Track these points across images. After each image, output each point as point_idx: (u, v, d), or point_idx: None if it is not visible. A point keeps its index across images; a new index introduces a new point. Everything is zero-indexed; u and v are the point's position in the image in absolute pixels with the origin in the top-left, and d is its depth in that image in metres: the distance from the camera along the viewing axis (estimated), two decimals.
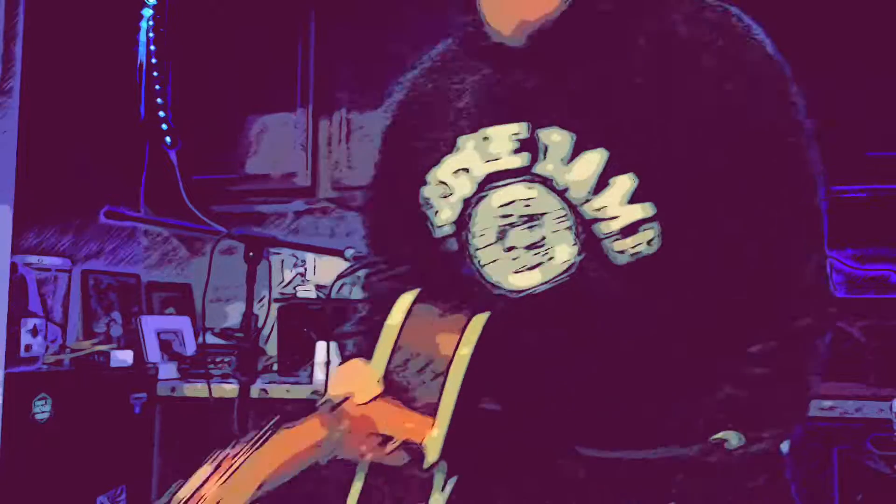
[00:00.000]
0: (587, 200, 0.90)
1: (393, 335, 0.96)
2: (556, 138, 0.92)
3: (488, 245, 0.97)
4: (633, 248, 0.90)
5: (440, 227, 1.01)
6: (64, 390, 2.27)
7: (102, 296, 3.00)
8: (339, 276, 2.04)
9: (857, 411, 2.26)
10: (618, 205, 0.89)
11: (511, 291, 0.95)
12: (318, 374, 2.66)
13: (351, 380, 0.96)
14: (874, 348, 2.35)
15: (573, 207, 0.91)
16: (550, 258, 0.92)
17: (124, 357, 2.57)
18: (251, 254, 2.06)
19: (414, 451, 0.90)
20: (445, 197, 1.00)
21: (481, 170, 0.97)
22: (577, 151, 0.91)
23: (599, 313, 0.92)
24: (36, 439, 2.18)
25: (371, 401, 0.92)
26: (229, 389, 2.54)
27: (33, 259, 2.54)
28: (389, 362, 0.95)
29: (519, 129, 0.95)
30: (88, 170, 2.90)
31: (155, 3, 3.09)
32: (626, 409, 0.91)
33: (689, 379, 0.91)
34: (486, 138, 0.97)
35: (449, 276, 1.01)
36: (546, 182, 0.92)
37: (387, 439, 0.91)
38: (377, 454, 0.93)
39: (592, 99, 0.93)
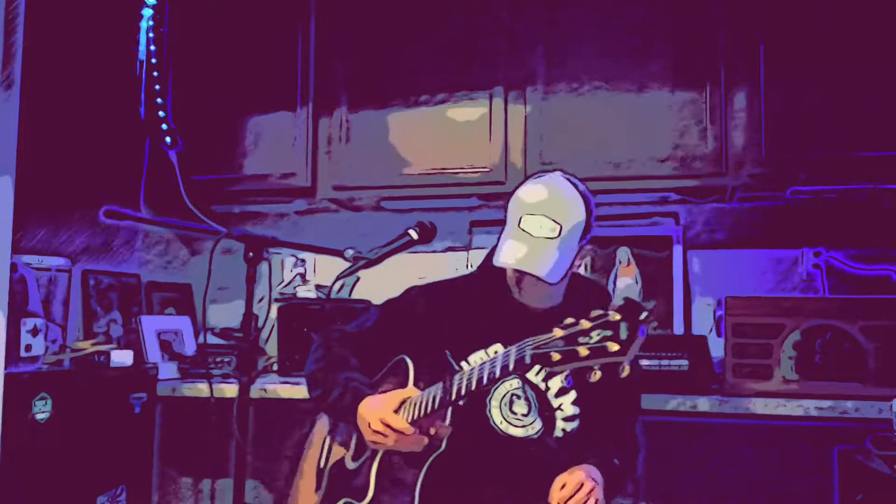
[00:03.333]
0: (555, 398, 1.86)
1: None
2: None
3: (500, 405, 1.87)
4: (568, 428, 1.85)
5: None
6: (64, 390, 2.27)
7: (102, 296, 3.00)
8: (339, 276, 2.04)
9: (857, 411, 2.26)
10: (568, 405, 1.86)
11: (500, 431, 1.85)
12: None
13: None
14: (874, 348, 2.35)
15: (543, 398, 1.85)
16: (530, 424, 1.84)
17: (124, 357, 2.57)
18: (251, 254, 2.06)
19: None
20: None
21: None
22: (552, 373, 1.76)
23: (541, 457, 1.83)
24: (36, 439, 2.18)
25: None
26: (229, 389, 2.54)
27: (33, 259, 2.54)
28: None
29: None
30: (88, 169, 2.90)
31: (155, 3, 3.09)
32: None
33: None
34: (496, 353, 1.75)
35: None
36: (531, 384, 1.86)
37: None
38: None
39: None
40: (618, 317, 1.38)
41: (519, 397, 1.85)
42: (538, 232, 1.77)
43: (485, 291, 1.93)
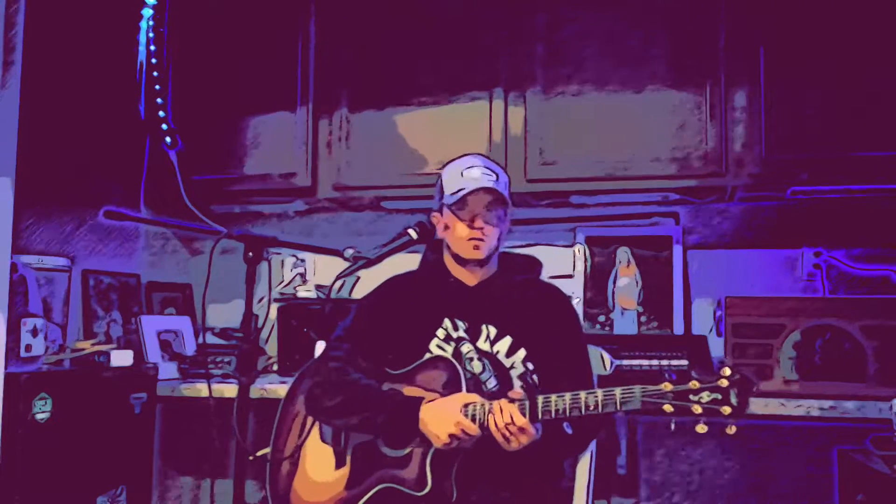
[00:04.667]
0: (506, 358, 2.02)
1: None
2: (491, 330, 2.04)
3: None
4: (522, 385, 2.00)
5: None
6: (64, 390, 2.27)
7: (102, 296, 3.00)
8: (339, 276, 2.04)
9: (857, 411, 2.26)
10: (519, 363, 2.02)
11: None
12: None
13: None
14: (874, 348, 2.35)
15: (495, 361, 2.02)
16: (486, 381, 2.00)
17: (124, 357, 2.57)
18: (251, 254, 2.06)
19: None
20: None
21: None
22: (499, 337, 2.03)
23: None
24: (36, 439, 2.18)
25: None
26: (229, 389, 2.54)
27: (33, 259, 2.54)
28: None
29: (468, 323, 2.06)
30: (88, 170, 2.90)
31: (155, 3, 3.09)
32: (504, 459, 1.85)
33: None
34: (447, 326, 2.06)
35: None
36: (480, 350, 2.03)
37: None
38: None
39: (507, 314, 2.04)
40: (726, 383, 1.62)
41: (472, 359, 2.00)
42: (482, 180, 1.98)
43: (427, 278, 2.12)
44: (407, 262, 2.19)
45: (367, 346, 2.07)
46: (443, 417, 1.82)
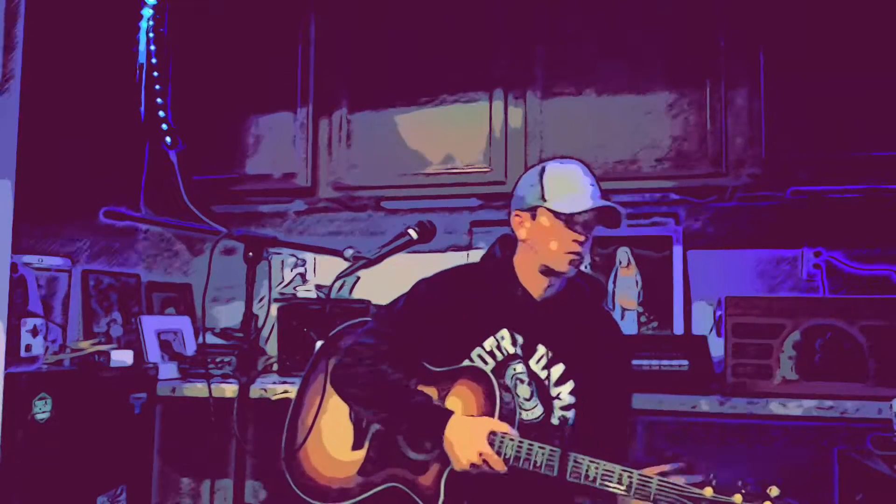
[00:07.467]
0: (554, 386, 1.94)
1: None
2: (548, 352, 1.95)
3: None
4: (566, 415, 1.93)
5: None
6: (64, 390, 2.27)
7: (102, 296, 3.00)
8: (339, 276, 2.04)
9: (857, 411, 2.26)
10: (565, 394, 1.94)
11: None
12: None
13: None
14: (874, 348, 2.35)
15: (543, 386, 1.93)
16: (532, 409, 1.93)
17: (124, 357, 2.57)
18: (251, 254, 2.06)
19: None
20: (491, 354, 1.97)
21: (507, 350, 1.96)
22: (553, 362, 1.94)
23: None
24: (36, 439, 2.18)
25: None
26: (229, 389, 2.54)
27: (33, 259, 2.54)
28: None
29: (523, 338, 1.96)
30: (88, 170, 2.90)
31: (155, 3, 3.09)
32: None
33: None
34: (503, 337, 1.96)
35: None
36: (531, 371, 1.94)
37: None
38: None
39: (566, 339, 1.95)
40: None
41: (522, 381, 1.91)
42: (595, 196, 1.88)
43: (492, 280, 1.98)
44: (407, 262, 2.19)
45: (411, 338, 1.96)
46: (467, 442, 1.73)
